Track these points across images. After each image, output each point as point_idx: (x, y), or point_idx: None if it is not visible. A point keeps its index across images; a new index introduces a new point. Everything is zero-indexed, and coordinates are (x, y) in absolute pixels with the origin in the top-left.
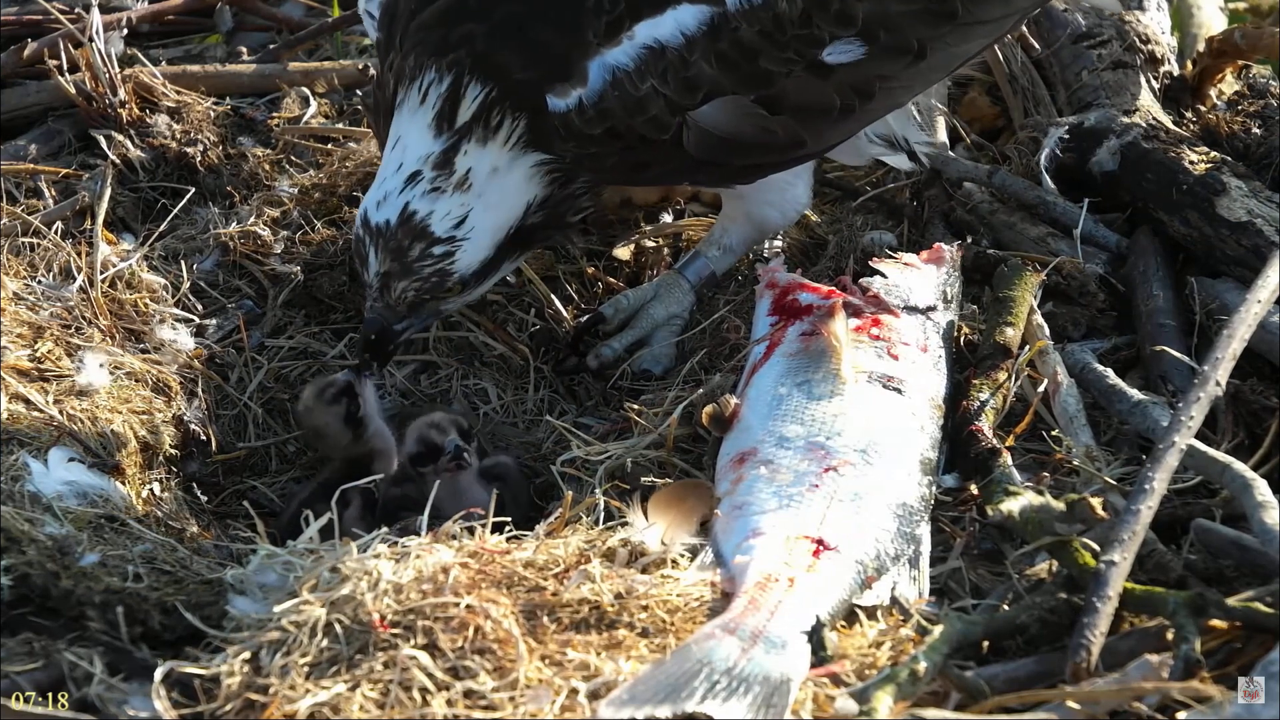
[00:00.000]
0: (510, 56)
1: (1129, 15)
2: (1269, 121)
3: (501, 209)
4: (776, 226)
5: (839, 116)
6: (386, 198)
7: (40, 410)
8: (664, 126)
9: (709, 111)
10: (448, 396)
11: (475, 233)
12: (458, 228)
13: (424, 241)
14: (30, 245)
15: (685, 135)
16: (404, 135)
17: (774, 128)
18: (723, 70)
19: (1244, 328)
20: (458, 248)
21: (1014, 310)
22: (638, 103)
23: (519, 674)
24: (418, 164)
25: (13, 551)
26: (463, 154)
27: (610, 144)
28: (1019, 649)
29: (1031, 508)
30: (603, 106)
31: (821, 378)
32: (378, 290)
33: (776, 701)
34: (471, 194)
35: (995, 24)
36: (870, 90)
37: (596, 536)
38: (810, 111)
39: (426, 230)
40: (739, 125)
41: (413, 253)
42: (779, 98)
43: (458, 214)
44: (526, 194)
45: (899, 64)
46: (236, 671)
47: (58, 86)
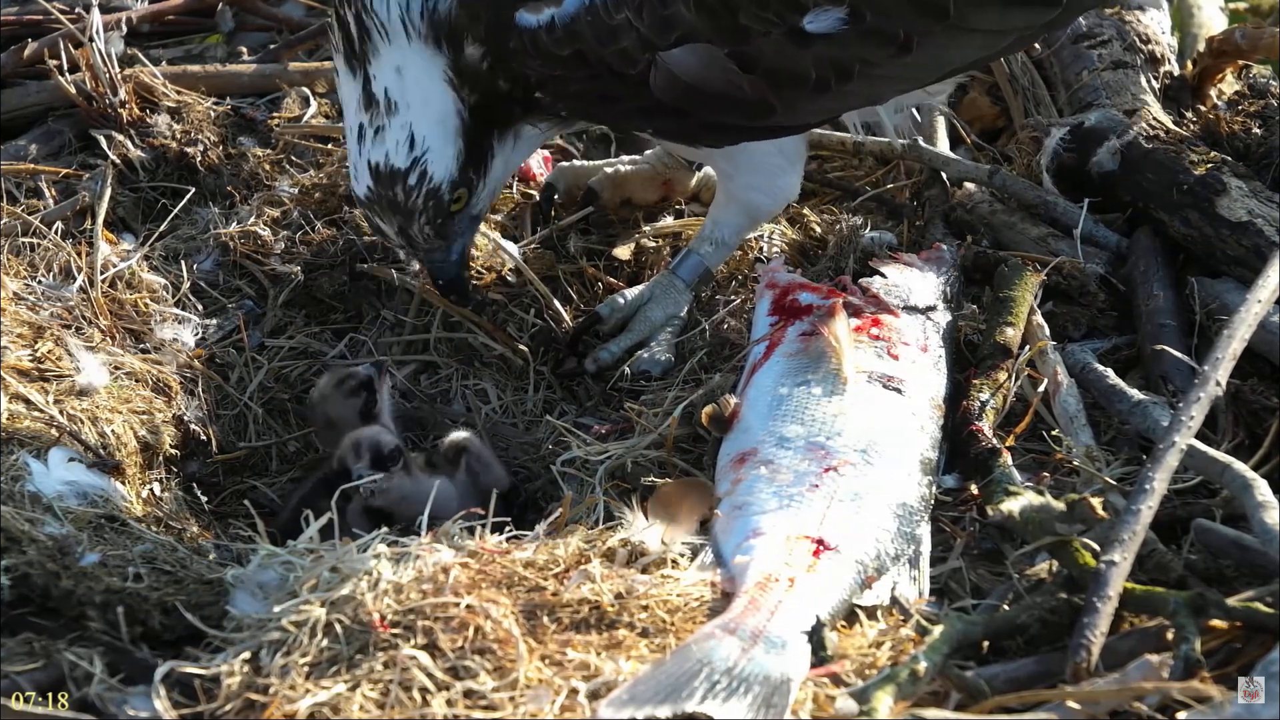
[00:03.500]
0: None
1: (1129, 15)
2: (1269, 121)
3: (432, 101)
4: (767, 212)
5: (813, 90)
6: (355, 167)
7: (40, 410)
8: (632, 61)
9: (679, 55)
10: (448, 396)
11: (429, 139)
12: (412, 148)
13: (399, 181)
14: (30, 245)
15: (652, 75)
16: (343, 98)
17: (742, 84)
18: (700, 15)
19: (1244, 328)
20: (424, 163)
21: (1014, 310)
22: (610, 31)
23: (519, 674)
24: (356, 117)
25: (13, 551)
26: (374, 80)
27: (576, 68)
28: (1019, 649)
29: (1032, 508)
30: (574, 29)
31: (821, 378)
32: (407, 245)
33: (776, 701)
34: (401, 110)
35: (989, 36)
36: (849, 71)
37: (596, 536)
38: (784, 77)
39: (394, 170)
40: (707, 74)
41: (399, 196)
42: (754, 57)
43: (404, 137)
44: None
45: (883, 51)
46: (236, 671)
47: (58, 86)
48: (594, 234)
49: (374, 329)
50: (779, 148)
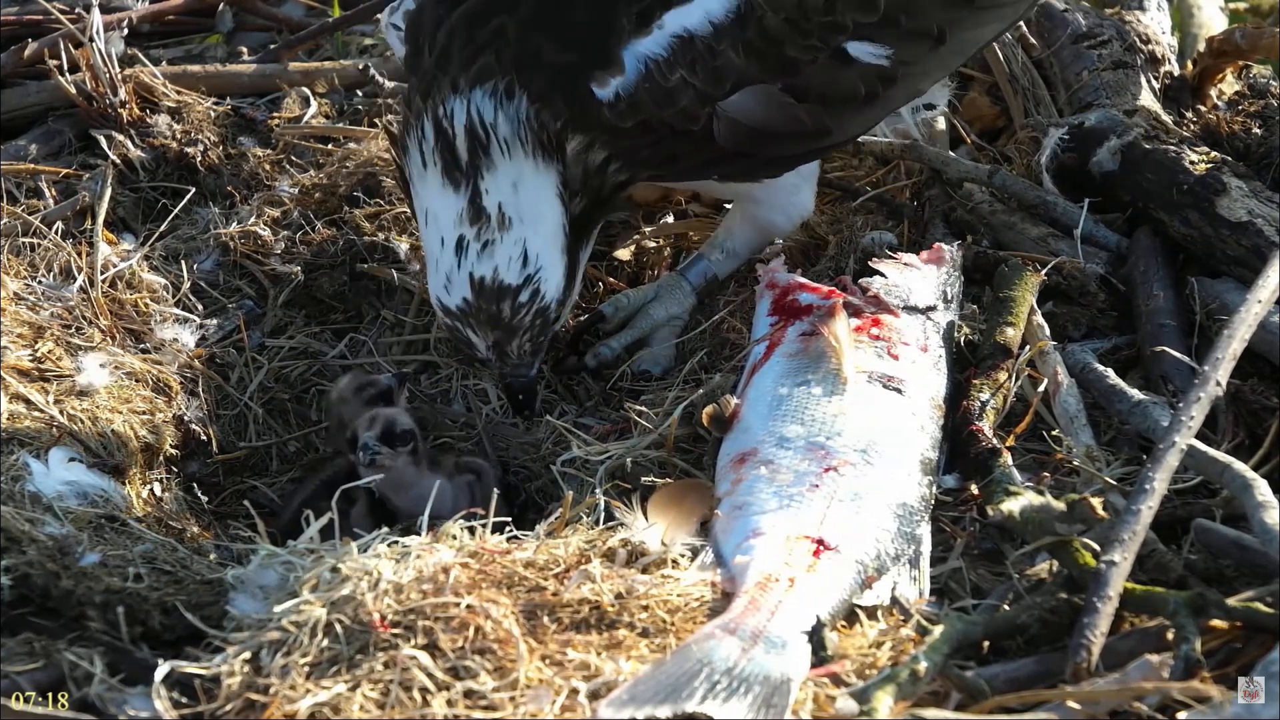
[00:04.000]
0: (546, 40)
1: (1129, 15)
2: (1269, 121)
3: (546, 218)
4: (781, 231)
5: (863, 104)
6: (450, 280)
7: (40, 410)
8: (693, 118)
9: (738, 101)
10: (448, 397)
11: (543, 257)
12: (525, 265)
13: (509, 298)
14: (30, 245)
15: (715, 126)
16: (429, 206)
17: (802, 115)
18: (749, 58)
19: (1244, 328)
20: (538, 281)
21: (1014, 310)
22: (667, 94)
23: (519, 674)
24: (456, 229)
25: (13, 551)
26: (485, 194)
27: (642, 137)
28: (1019, 649)
29: (1032, 508)
30: (636, 99)
31: (821, 378)
32: (496, 359)
33: (777, 701)
34: (515, 226)
35: (1010, 8)
36: (893, 75)
37: (596, 536)
38: (835, 99)
39: (504, 286)
40: (768, 114)
41: (505, 313)
42: (805, 86)
43: (518, 253)
44: (553, 186)
45: (920, 48)
46: (237, 671)
47: (58, 86)
48: None
49: (374, 329)
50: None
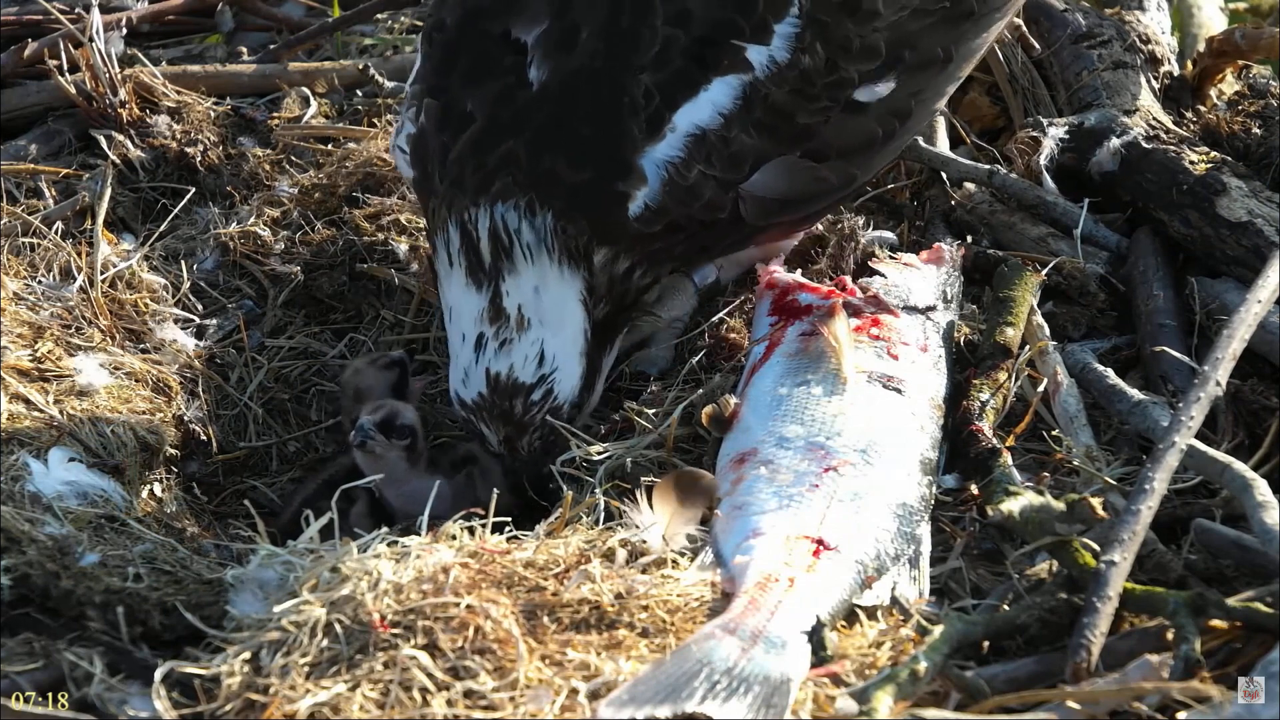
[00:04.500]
0: (558, 160)
1: (1129, 15)
2: (1269, 121)
3: (566, 322)
4: (789, 244)
5: (882, 143)
6: (468, 375)
7: (40, 410)
8: (719, 206)
9: (760, 179)
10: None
11: (559, 359)
12: (541, 365)
13: (521, 395)
14: (30, 245)
15: (742, 208)
16: (453, 304)
17: (825, 175)
18: (762, 136)
19: (1244, 328)
20: (552, 382)
21: (1014, 310)
22: (689, 190)
23: (519, 674)
24: (476, 327)
25: (13, 551)
26: (506, 295)
27: (672, 238)
28: (1019, 649)
29: (1031, 508)
30: (661, 205)
31: (821, 378)
32: (508, 452)
33: (776, 701)
34: (534, 327)
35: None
36: (907, 109)
37: (596, 536)
38: (855, 149)
39: (518, 384)
40: (792, 184)
41: (517, 409)
42: (823, 145)
43: (534, 353)
44: (576, 293)
45: (929, 75)
46: (236, 671)
47: (58, 86)
48: None
49: (374, 329)
50: None
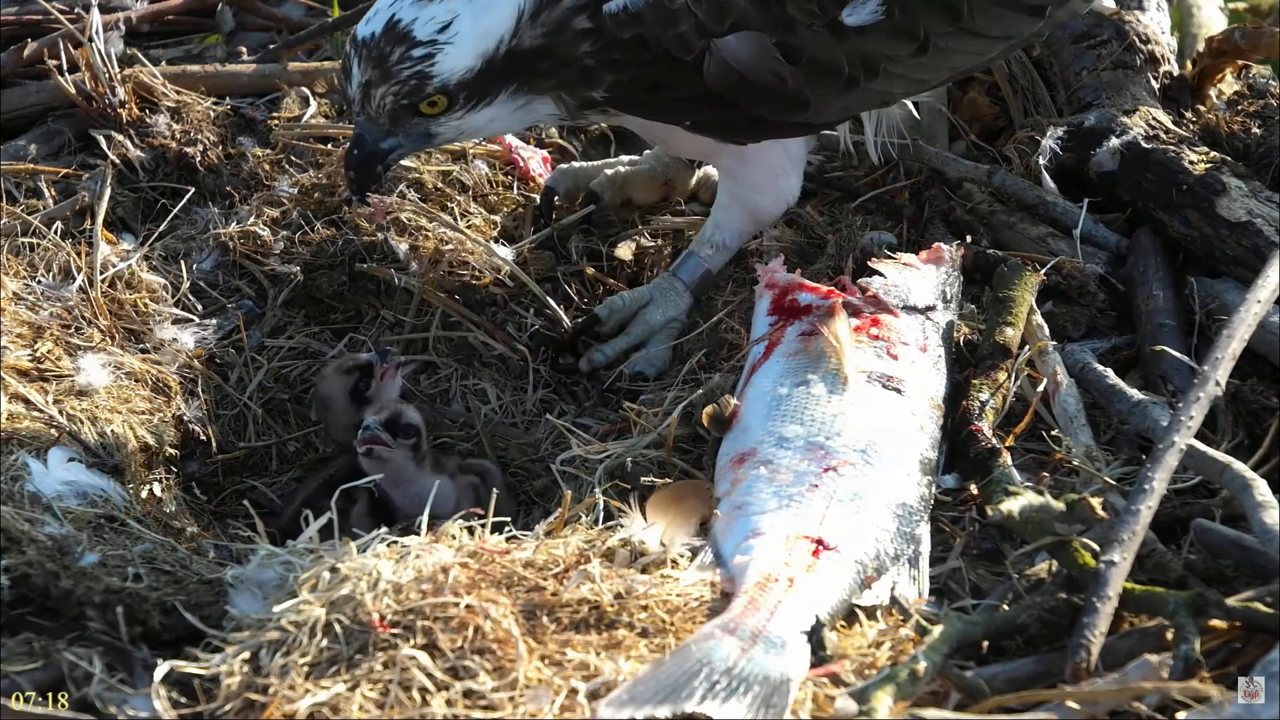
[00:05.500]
0: None
1: (1129, 15)
2: (1269, 121)
3: (490, 13)
4: (769, 215)
5: (844, 86)
6: (375, 13)
7: (40, 410)
8: (689, 47)
9: (733, 42)
10: (447, 397)
11: (459, 37)
12: (441, 31)
13: (405, 45)
14: (30, 245)
15: (706, 62)
16: None
17: (785, 75)
18: (752, 3)
19: (1244, 328)
20: (439, 50)
21: (1014, 310)
22: (671, 15)
23: (519, 674)
24: None
25: (13, 551)
26: None
27: (635, 53)
28: (1019, 649)
29: (1031, 508)
30: (639, 13)
31: (821, 378)
32: (360, 103)
33: (776, 701)
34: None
35: (988, 43)
36: (876, 67)
37: (596, 536)
38: (820, 70)
39: (408, 35)
40: (757, 63)
41: (393, 57)
42: (797, 48)
43: (443, 18)
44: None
45: (905, 49)
46: (236, 671)
47: (58, 86)
48: (594, 234)
49: (373, 329)
50: (786, 149)
